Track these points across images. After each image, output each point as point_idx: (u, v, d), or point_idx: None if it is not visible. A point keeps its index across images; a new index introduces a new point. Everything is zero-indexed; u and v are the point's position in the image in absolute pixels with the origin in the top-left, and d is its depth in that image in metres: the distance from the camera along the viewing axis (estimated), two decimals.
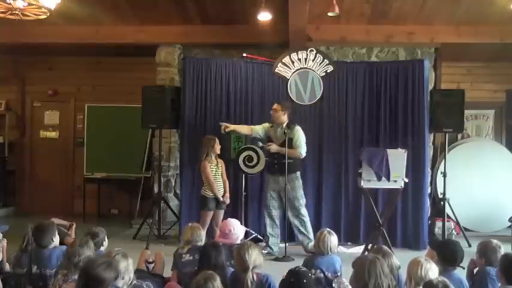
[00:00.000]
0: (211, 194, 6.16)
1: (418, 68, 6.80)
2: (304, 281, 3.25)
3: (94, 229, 4.30)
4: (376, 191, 6.56)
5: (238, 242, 4.52)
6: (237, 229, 4.62)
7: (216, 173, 6.22)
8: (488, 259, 3.73)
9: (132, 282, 3.23)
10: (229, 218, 4.96)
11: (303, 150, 6.21)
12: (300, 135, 6.21)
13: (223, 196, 6.22)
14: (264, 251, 5.74)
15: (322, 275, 4.04)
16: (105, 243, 4.28)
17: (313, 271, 4.01)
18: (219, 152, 6.28)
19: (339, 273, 4.09)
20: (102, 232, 4.29)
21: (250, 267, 3.52)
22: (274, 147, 6.21)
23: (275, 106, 6.32)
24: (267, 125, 6.48)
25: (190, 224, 4.63)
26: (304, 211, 6.29)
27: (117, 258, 3.16)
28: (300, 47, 6.96)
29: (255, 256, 3.56)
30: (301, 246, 6.35)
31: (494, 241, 3.84)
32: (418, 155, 6.69)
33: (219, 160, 6.32)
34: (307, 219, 6.32)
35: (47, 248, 4.04)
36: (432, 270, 3.16)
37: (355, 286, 3.05)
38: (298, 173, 6.28)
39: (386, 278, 2.98)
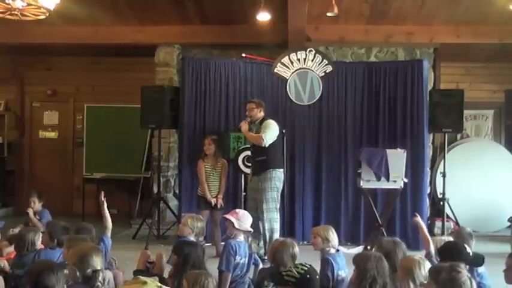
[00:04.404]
0: (202, 193, 6.10)
1: (417, 68, 6.80)
2: None
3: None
4: (375, 191, 6.56)
5: (250, 229, 4.45)
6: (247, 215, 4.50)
7: (210, 173, 6.12)
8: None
9: None
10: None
11: (266, 137, 5.75)
12: (268, 125, 5.86)
13: (214, 197, 6.05)
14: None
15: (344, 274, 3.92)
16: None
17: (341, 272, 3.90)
18: (209, 152, 6.11)
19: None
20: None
21: None
22: (244, 127, 5.97)
23: (250, 105, 6.09)
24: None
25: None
26: (268, 216, 5.79)
27: None
28: (299, 47, 6.96)
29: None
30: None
31: None
32: (417, 155, 6.69)
33: (221, 161, 6.20)
34: (268, 226, 5.81)
35: (55, 250, 4.07)
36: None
37: (359, 283, 3.03)
38: (275, 172, 5.86)
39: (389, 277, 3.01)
